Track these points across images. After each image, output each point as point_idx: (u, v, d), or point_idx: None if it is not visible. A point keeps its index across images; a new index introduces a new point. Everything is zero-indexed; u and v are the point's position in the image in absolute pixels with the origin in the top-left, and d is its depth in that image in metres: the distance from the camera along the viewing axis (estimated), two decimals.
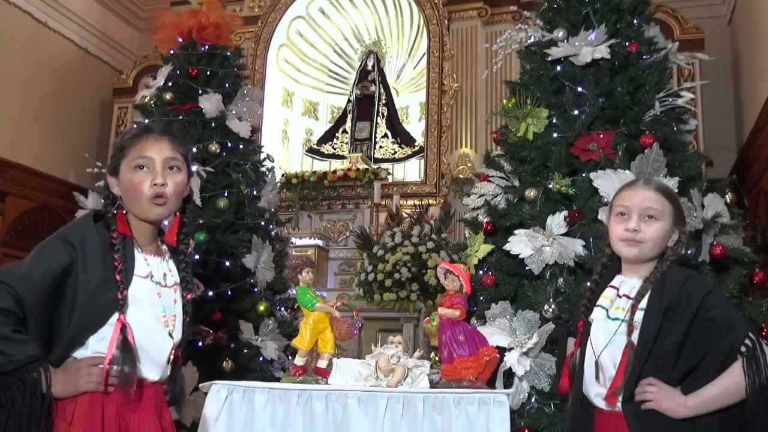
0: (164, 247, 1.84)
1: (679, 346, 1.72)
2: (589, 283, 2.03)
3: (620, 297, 1.86)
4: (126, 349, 1.60)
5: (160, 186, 1.69)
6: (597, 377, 1.83)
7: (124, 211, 1.73)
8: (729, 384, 1.67)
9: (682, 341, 1.71)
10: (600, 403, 1.83)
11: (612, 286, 1.90)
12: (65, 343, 1.60)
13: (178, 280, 1.81)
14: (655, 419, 1.70)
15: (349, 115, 8.07)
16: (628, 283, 1.86)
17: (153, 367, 1.70)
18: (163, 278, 1.76)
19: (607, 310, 1.86)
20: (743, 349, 1.66)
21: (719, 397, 1.68)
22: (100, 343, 1.61)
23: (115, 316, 1.61)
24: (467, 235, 3.29)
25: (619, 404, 1.77)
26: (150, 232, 1.78)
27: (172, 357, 1.76)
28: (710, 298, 1.72)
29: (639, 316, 1.78)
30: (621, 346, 1.78)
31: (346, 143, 7.97)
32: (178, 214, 1.81)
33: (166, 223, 1.83)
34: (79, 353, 1.62)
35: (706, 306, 1.71)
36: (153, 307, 1.71)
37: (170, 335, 1.74)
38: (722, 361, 1.69)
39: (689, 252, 2.64)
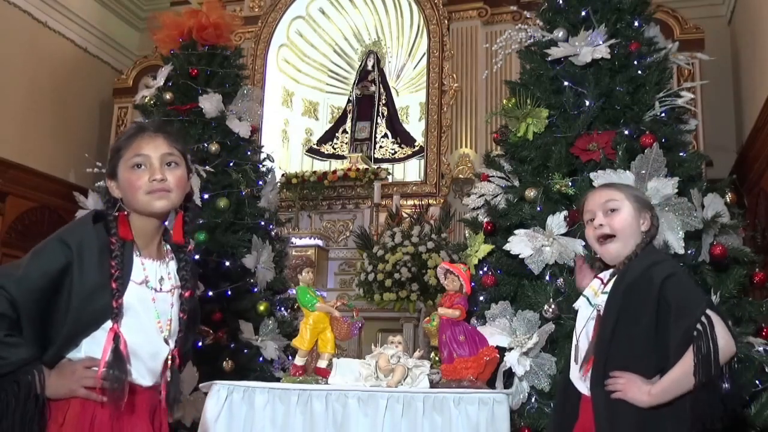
0: (167, 248, 1.81)
1: (647, 333, 1.75)
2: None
3: (603, 285, 1.94)
4: (117, 358, 1.58)
5: (159, 181, 1.67)
6: (576, 360, 1.90)
7: (126, 213, 1.70)
8: (684, 369, 1.68)
9: (649, 329, 1.75)
10: (582, 388, 1.88)
11: (598, 277, 1.99)
12: (59, 344, 1.60)
13: (177, 283, 1.79)
14: (621, 407, 1.73)
15: (349, 115, 8.06)
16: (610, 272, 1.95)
17: (146, 373, 1.69)
18: (159, 282, 1.73)
19: (588, 298, 1.95)
20: (695, 333, 1.68)
21: (677, 382, 1.70)
22: (91, 345, 1.60)
23: (109, 323, 1.60)
24: (467, 235, 3.30)
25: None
26: (152, 233, 1.75)
27: (169, 362, 1.74)
28: (668, 282, 1.75)
29: (602, 299, 1.86)
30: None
31: (346, 143, 7.97)
32: (180, 212, 1.78)
33: (167, 223, 1.80)
34: (72, 354, 1.61)
35: (664, 291, 1.74)
36: (147, 313, 1.69)
37: (165, 341, 1.72)
38: (684, 345, 1.70)
39: (689, 252, 2.64)
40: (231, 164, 3.89)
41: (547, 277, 2.81)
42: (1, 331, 1.52)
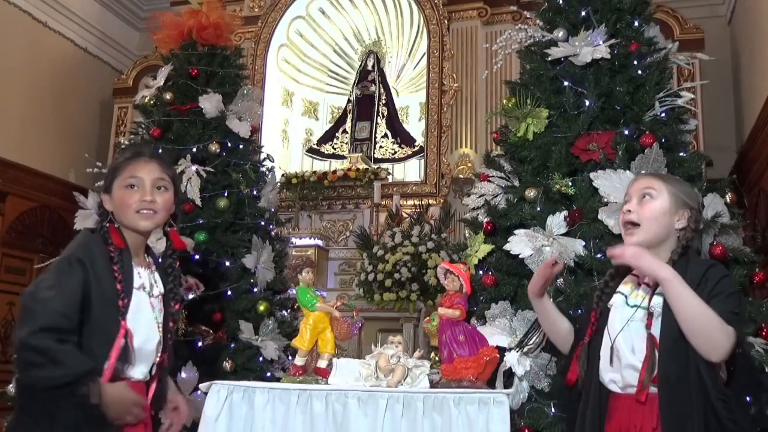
0: (149, 259, 2.01)
1: None
2: (601, 282, 2.03)
3: (641, 285, 1.85)
4: (125, 354, 1.76)
5: (149, 203, 1.88)
6: (611, 362, 1.82)
7: (116, 225, 1.89)
8: (704, 309, 1.65)
9: None
10: (614, 388, 1.84)
11: (634, 274, 1.89)
12: (100, 358, 1.73)
13: (163, 291, 1.98)
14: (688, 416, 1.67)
15: (349, 115, 8.06)
16: None
17: (142, 368, 1.87)
18: (151, 289, 1.93)
19: (626, 296, 1.86)
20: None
21: (691, 305, 1.65)
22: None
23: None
24: (467, 235, 3.29)
25: (631, 389, 1.77)
26: (140, 246, 1.95)
27: (158, 360, 1.93)
28: (724, 281, 1.72)
29: (656, 300, 1.77)
30: (639, 333, 1.78)
31: (346, 143, 7.97)
32: (172, 228, 2.02)
33: (154, 241, 2.03)
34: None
35: (717, 288, 1.70)
36: (146, 314, 1.88)
37: (161, 341, 1.92)
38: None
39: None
40: (231, 164, 3.88)
41: None
42: (68, 343, 1.65)
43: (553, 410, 2.61)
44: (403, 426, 2.31)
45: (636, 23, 3.15)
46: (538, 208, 2.91)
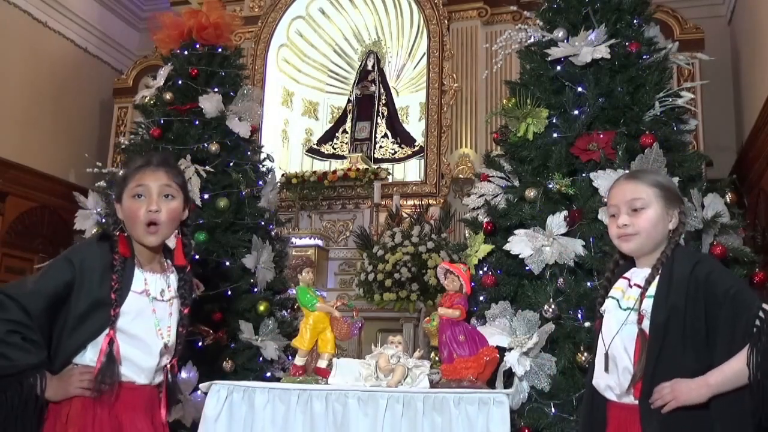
0: (168, 262, 2.01)
1: (700, 337, 1.68)
2: (603, 280, 2.03)
3: (631, 287, 1.85)
4: (110, 361, 1.79)
5: (154, 212, 1.87)
6: (606, 368, 1.82)
7: (126, 234, 1.91)
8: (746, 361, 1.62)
9: (701, 331, 1.68)
10: (611, 396, 1.83)
11: (624, 277, 1.90)
12: (68, 352, 1.80)
13: (176, 294, 1.99)
14: (675, 415, 1.66)
15: (349, 115, 8.07)
16: (639, 272, 1.86)
17: (141, 372, 1.88)
18: (161, 294, 1.93)
19: (618, 300, 1.86)
20: (754, 329, 1.62)
21: (738, 372, 1.62)
22: (95, 348, 1.81)
23: (107, 330, 1.80)
24: (467, 235, 3.30)
25: (627, 397, 1.77)
26: (152, 252, 1.95)
27: (169, 365, 1.95)
28: (713, 277, 1.69)
29: (647, 303, 1.76)
30: (632, 335, 1.77)
31: (346, 143, 7.97)
32: (179, 236, 2.01)
33: (171, 244, 2.02)
34: (78, 358, 1.81)
35: (711, 288, 1.68)
36: (146, 320, 1.88)
37: (165, 346, 1.92)
38: (746, 338, 1.63)
39: None
40: (231, 164, 3.88)
41: (547, 277, 2.81)
42: (17, 335, 1.71)
43: (553, 410, 2.62)
44: (403, 426, 2.31)
45: (636, 23, 3.15)
46: (538, 208, 2.91)
